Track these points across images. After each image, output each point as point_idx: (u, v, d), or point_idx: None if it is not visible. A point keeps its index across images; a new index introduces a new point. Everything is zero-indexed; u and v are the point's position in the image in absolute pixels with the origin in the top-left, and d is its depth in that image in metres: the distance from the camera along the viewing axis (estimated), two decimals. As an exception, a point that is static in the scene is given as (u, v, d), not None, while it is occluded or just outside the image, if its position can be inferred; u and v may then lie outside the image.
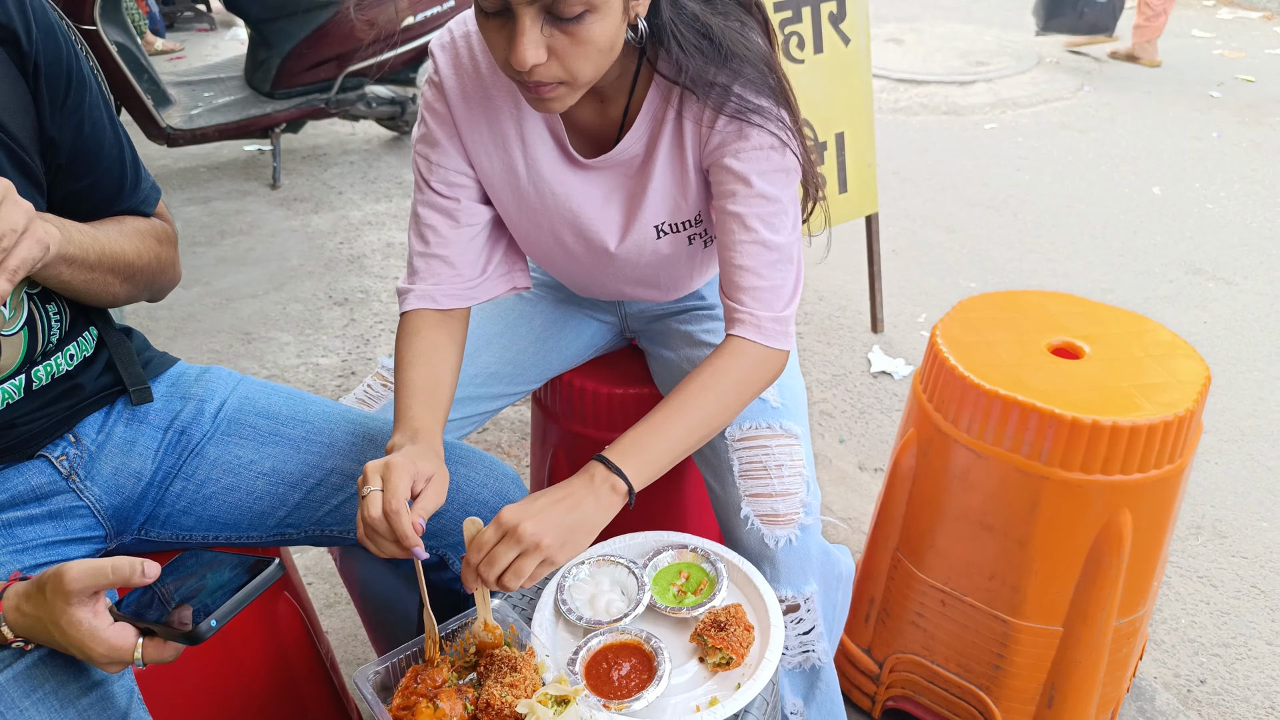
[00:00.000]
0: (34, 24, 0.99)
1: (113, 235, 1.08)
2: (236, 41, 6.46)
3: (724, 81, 1.11)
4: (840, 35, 2.53)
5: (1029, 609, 1.45)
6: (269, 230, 3.91)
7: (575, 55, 0.99)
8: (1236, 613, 2.01)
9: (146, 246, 1.13)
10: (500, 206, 1.29)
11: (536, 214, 1.27)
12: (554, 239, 1.30)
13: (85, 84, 1.05)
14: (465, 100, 1.21)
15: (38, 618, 0.86)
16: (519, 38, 0.96)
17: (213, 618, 0.85)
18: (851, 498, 2.34)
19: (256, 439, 1.23)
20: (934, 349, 1.49)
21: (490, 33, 1.01)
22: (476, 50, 1.20)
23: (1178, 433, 1.33)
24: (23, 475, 1.09)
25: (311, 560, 2.16)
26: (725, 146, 1.15)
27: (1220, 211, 3.87)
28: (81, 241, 1.01)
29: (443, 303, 1.24)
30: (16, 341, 1.03)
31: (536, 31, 0.97)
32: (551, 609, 1.14)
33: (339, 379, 2.88)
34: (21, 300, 1.03)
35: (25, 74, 0.99)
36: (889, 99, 5.30)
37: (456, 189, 1.24)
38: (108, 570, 0.83)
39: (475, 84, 1.20)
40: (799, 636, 1.33)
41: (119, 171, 1.12)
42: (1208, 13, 7.05)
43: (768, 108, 1.13)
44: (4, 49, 0.97)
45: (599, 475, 1.07)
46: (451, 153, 1.23)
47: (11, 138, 0.98)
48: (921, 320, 3.15)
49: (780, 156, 1.15)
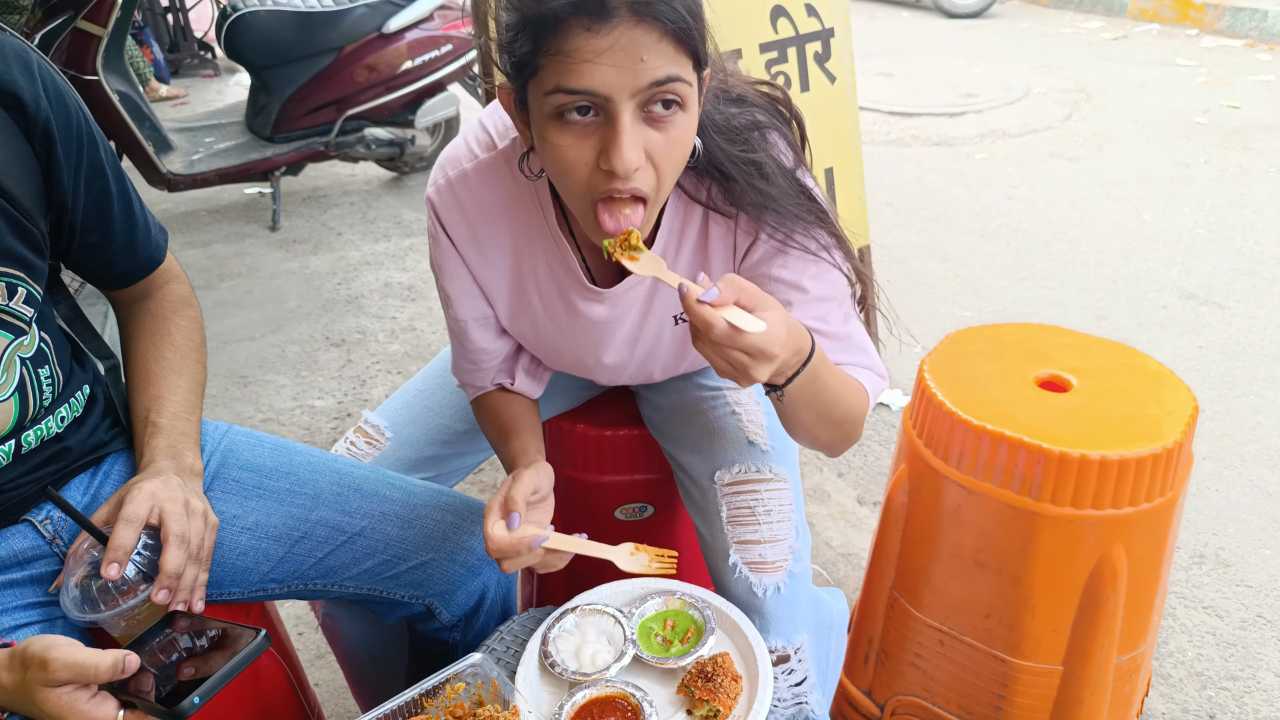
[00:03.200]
0: (43, 92, 0.99)
1: (185, 382, 1.18)
2: (240, 87, 6.53)
3: (751, 207, 1.08)
4: (826, 74, 2.56)
5: (1027, 647, 1.43)
6: (268, 272, 3.93)
7: (668, 160, 0.93)
8: (1244, 644, 1.98)
9: (192, 338, 1.23)
10: (516, 334, 1.30)
11: (548, 339, 1.27)
12: (570, 357, 1.31)
13: (96, 143, 1.07)
14: (475, 243, 1.18)
15: (17, 688, 0.85)
16: (621, 137, 0.88)
17: (196, 694, 0.85)
18: (851, 533, 2.32)
19: (240, 493, 1.21)
20: (921, 384, 1.48)
21: (569, 147, 0.91)
22: (477, 189, 1.15)
23: (1168, 465, 1.31)
24: (5, 540, 1.07)
25: (302, 610, 2.14)
26: (769, 260, 1.12)
27: (1210, 236, 3.88)
28: (196, 436, 1.16)
29: (518, 380, 1.33)
30: (8, 407, 1.02)
31: (637, 131, 0.89)
32: (536, 662, 1.12)
33: (334, 421, 2.87)
34: (13, 363, 1.02)
35: (31, 139, 0.99)
36: (881, 131, 5.34)
37: (488, 335, 1.27)
38: (90, 670, 0.83)
39: (481, 223, 1.16)
40: (791, 688, 1.30)
41: (128, 223, 1.14)
42: (1191, 41, 7.12)
43: (799, 233, 1.10)
44: (9, 114, 0.97)
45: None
46: (469, 303, 1.24)
47: (12, 202, 0.98)
48: (917, 351, 3.15)
49: (828, 261, 1.13)
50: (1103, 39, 7.35)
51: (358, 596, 1.27)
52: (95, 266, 1.15)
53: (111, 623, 1.00)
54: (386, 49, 4.21)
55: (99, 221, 1.10)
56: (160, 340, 1.19)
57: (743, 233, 1.11)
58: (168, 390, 1.16)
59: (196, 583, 1.03)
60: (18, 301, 1.01)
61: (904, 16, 8.44)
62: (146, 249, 1.18)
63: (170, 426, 1.13)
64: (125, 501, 1.02)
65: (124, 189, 1.13)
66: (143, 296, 1.22)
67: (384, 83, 4.25)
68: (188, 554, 1.02)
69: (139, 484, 1.04)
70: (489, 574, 1.29)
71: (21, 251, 1.00)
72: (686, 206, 1.13)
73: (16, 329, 1.02)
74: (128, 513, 1.00)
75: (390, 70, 4.24)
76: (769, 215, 1.07)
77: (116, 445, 1.18)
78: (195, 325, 1.24)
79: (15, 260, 1.00)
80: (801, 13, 2.47)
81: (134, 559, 1.00)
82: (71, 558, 1.03)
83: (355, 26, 4.15)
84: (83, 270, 1.16)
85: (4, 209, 0.98)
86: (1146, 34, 7.45)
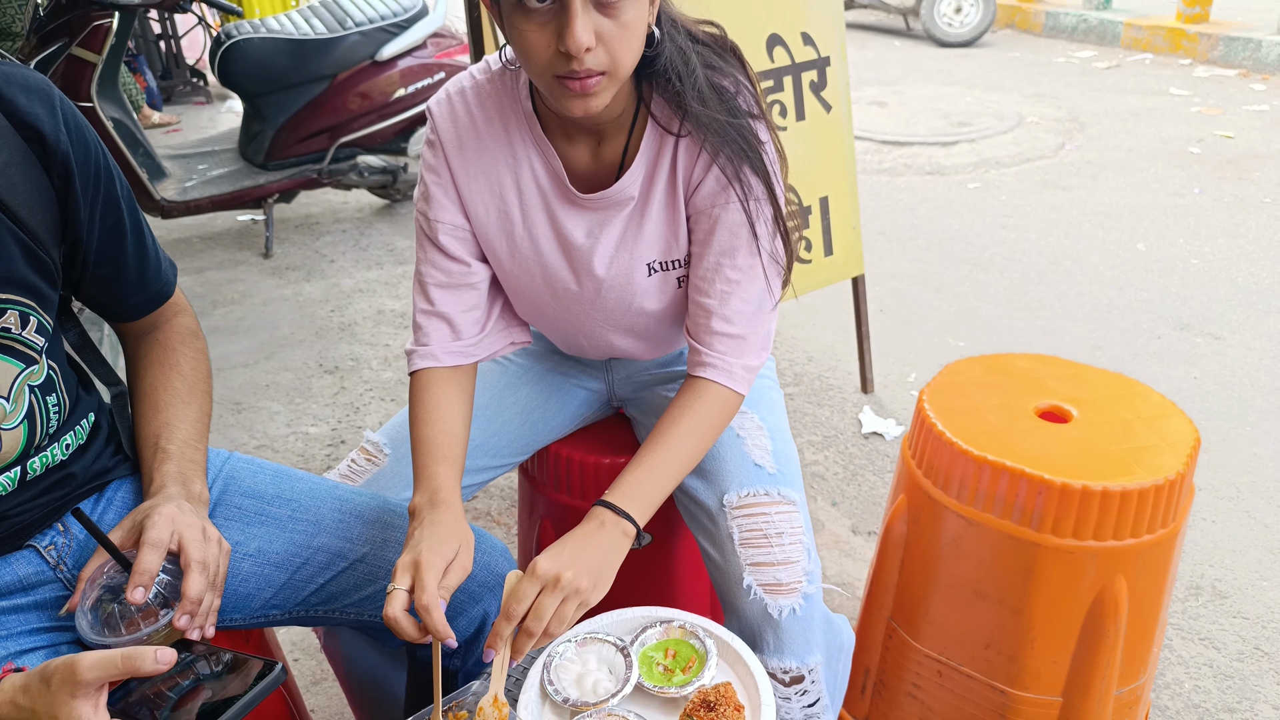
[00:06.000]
0: (64, 127, 1.02)
1: (193, 411, 1.19)
2: (232, 114, 6.56)
3: (714, 140, 1.17)
4: (821, 103, 2.58)
5: (1026, 679, 1.42)
6: (261, 299, 3.92)
7: (620, 40, 1.04)
8: (1241, 676, 1.98)
9: (199, 369, 1.24)
10: (494, 257, 1.32)
11: (529, 260, 1.30)
12: (545, 284, 1.32)
13: (113, 179, 1.09)
14: (462, 152, 1.25)
15: (34, 711, 0.84)
16: (573, 21, 1.00)
17: None
18: (846, 563, 2.31)
19: (242, 519, 1.21)
20: (921, 414, 1.48)
21: (532, 31, 1.03)
22: (472, 104, 1.25)
23: (1170, 496, 1.32)
24: (10, 566, 1.07)
25: (298, 636, 2.13)
26: (712, 197, 1.22)
27: (1205, 267, 3.90)
28: (203, 465, 1.16)
29: (445, 360, 1.30)
30: (16, 435, 1.03)
31: (588, 16, 1.01)
32: (538, 690, 1.11)
33: (328, 448, 2.86)
34: (23, 392, 1.03)
35: (50, 171, 1.01)
36: (873, 160, 5.38)
37: (454, 245, 1.29)
38: (117, 660, 0.82)
39: (471, 136, 1.25)
40: (804, 709, 1.30)
41: (140, 257, 1.16)
42: (1185, 71, 7.20)
43: (748, 176, 1.19)
44: (29, 146, 0.99)
45: (609, 520, 1.14)
46: (448, 207, 1.27)
47: (30, 234, 1.00)
48: (911, 380, 3.15)
49: (759, 217, 1.21)
50: (1096, 68, 7.43)
51: (359, 623, 1.26)
52: (107, 299, 1.17)
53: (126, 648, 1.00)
54: (379, 77, 4.23)
55: (112, 255, 1.12)
56: (169, 370, 1.20)
57: (701, 164, 1.21)
58: (176, 418, 1.16)
59: (211, 608, 1.03)
60: (30, 331, 1.02)
61: (896, 45, 8.54)
62: (157, 282, 1.20)
63: (179, 454, 1.13)
64: (147, 526, 1.02)
65: (137, 223, 1.15)
66: (151, 329, 1.24)
67: (377, 110, 4.27)
68: (208, 580, 1.02)
69: (157, 509, 1.04)
70: (489, 601, 1.28)
71: (35, 281, 1.01)
72: (661, 137, 1.22)
73: (28, 358, 1.03)
74: (152, 537, 1.01)
75: (383, 98, 4.26)
76: (727, 149, 1.17)
77: (120, 472, 1.18)
78: (202, 357, 1.25)
79: (28, 290, 1.01)
80: (798, 41, 2.50)
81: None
82: (86, 581, 1.02)
83: (348, 54, 4.17)
84: (94, 303, 1.17)
85: (20, 239, 0.99)
86: (1139, 63, 7.53)
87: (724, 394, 1.25)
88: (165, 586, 1.02)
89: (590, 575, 1.08)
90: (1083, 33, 8.46)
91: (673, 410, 1.24)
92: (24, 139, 0.99)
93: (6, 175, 0.97)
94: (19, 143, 0.99)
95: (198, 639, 1.01)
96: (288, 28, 4.15)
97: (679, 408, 1.24)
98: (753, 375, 1.27)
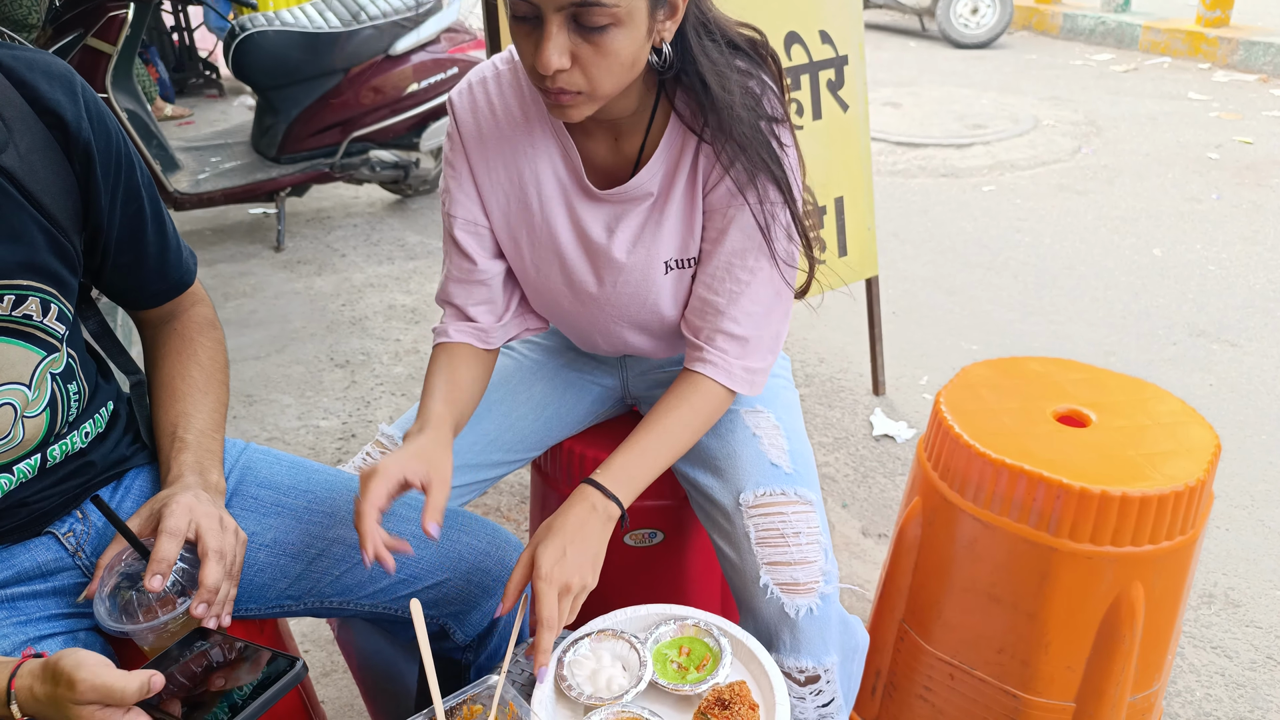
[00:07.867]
0: (86, 114, 1.02)
1: (210, 401, 1.20)
2: (245, 107, 6.57)
3: (732, 148, 1.17)
4: (839, 102, 2.57)
5: (1040, 684, 1.42)
6: (272, 293, 3.93)
7: (597, 66, 1.05)
8: (1253, 685, 1.96)
9: (217, 359, 1.25)
10: (514, 249, 1.32)
11: (547, 252, 1.30)
12: (563, 278, 1.32)
13: (134, 167, 1.09)
14: (481, 143, 1.26)
15: (51, 700, 0.85)
16: (545, 42, 1.02)
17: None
18: (856, 565, 2.31)
19: (259, 510, 1.21)
20: (938, 417, 1.47)
21: (520, 39, 1.06)
22: (493, 93, 1.26)
23: (1189, 503, 1.31)
24: (29, 552, 1.08)
25: (309, 627, 2.13)
26: (729, 197, 1.22)
27: (1222, 273, 3.88)
28: (220, 454, 1.16)
29: (459, 339, 1.34)
30: (39, 422, 1.04)
31: (563, 38, 1.02)
32: (552, 685, 1.11)
33: (339, 441, 2.86)
34: (45, 379, 1.04)
35: (72, 159, 1.01)
36: (887, 162, 5.36)
37: (467, 241, 1.30)
38: (117, 694, 0.82)
39: (491, 125, 1.26)
40: (819, 709, 1.30)
41: (160, 245, 1.16)
42: (1203, 75, 7.15)
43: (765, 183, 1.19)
44: (51, 133, 0.99)
45: (598, 503, 1.17)
46: (464, 202, 1.29)
47: (52, 220, 1.00)
48: (924, 383, 3.14)
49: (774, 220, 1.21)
50: (1113, 71, 7.38)
51: (373, 614, 1.26)
52: (127, 287, 1.17)
53: (142, 635, 1.00)
54: (392, 71, 4.23)
55: (133, 242, 1.12)
56: (187, 360, 1.20)
57: (719, 168, 1.21)
58: (194, 408, 1.16)
59: (227, 598, 1.03)
60: (50, 318, 1.02)
61: (911, 46, 8.51)
62: (177, 271, 1.20)
63: (197, 443, 1.13)
64: (165, 515, 1.02)
65: (158, 211, 1.15)
66: (170, 318, 1.24)
67: (389, 105, 4.27)
68: (225, 569, 1.02)
69: (175, 498, 1.04)
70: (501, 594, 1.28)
71: (56, 268, 1.02)
72: (684, 135, 1.22)
73: (49, 346, 1.04)
74: (170, 526, 1.01)
75: (396, 93, 4.26)
76: (743, 158, 1.17)
77: (138, 460, 1.19)
78: (220, 347, 1.26)
79: (50, 277, 1.01)
80: (816, 39, 2.48)
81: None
82: (104, 568, 1.02)
83: (362, 48, 4.17)
84: (114, 290, 1.17)
85: (42, 225, 0.99)
86: (1158, 67, 7.47)
87: (721, 393, 1.27)
88: (182, 575, 1.02)
89: (592, 569, 1.13)
90: (1100, 35, 8.39)
91: (669, 399, 1.26)
92: (46, 125, 0.99)
93: (29, 161, 0.97)
94: (41, 129, 0.99)
95: (214, 628, 1.01)
96: (302, 21, 4.15)
97: (676, 398, 1.26)
98: (753, 376, 1.27)
